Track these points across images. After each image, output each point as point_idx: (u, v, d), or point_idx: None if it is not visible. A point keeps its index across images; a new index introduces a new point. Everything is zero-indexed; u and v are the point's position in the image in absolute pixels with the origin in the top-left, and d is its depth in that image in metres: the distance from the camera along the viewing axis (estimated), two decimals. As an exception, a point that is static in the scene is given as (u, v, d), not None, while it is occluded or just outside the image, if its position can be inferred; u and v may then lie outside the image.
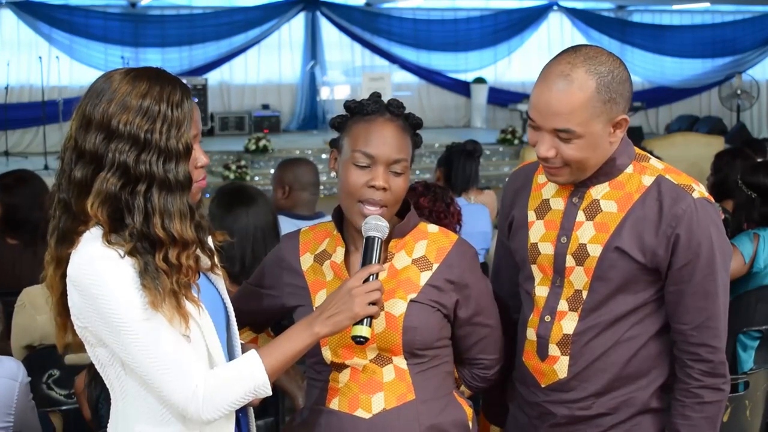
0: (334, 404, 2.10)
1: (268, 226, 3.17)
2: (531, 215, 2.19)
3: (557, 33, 16.93)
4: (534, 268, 2.17)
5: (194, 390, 1.72)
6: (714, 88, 17.00)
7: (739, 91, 15.51)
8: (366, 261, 1.95)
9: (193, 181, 1.77)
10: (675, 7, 17.60)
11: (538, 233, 2.16)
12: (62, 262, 1.75)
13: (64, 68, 13.81)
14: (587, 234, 2.08)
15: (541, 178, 2.21)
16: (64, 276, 1.74)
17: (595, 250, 2.06)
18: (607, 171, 2.09)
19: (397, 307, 2.06)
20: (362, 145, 2.04)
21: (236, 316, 2.33)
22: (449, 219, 3.50)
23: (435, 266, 2.11)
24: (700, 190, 2.06)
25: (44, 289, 1.81)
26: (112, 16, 14.88)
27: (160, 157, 1.71)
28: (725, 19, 18.03)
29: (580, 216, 2.10)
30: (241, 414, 1.93)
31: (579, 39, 16.34)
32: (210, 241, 1.88)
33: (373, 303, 1.87)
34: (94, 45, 14.52)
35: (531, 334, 2.17)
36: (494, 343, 2.22)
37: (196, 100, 13.95)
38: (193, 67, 15.00)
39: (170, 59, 14.96)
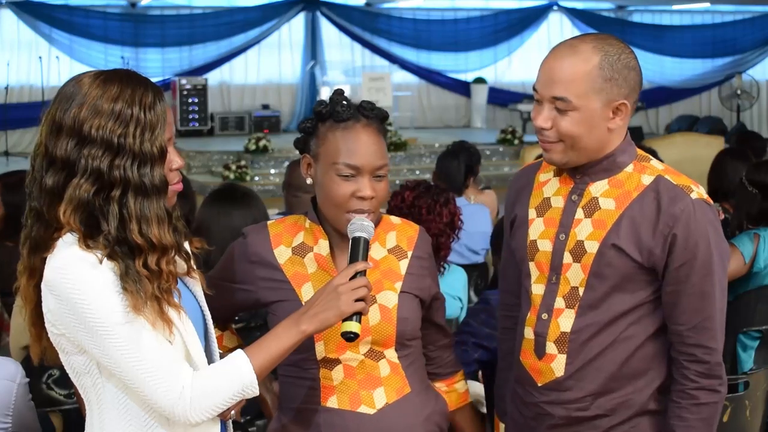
0: (332, 402, 2.08)
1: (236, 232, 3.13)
2: (531, 213, 2.19)
3: (557, 33, 16.92)
4: (531, 265, 2.17)
5: (181, 392, 1.69)
6: (714, 88, 17.02)
7: (739, 91, 15.52)
8: (352, 260, 1.94)
9: (168, 184, 1.74)
10: (675, 7, 17.61)
11: (538, 230, 2.16)
12: (36, 272, 1.72)
13: (64, 68, 13.81)
14: (585, 231, 2.08)
15: (542, 176, 2.22)
16: (38, 286, 1.71)
17: (592, 247, 2.07)
18: (607, 167, 2.09)
19: (389, 298, 2.09)
20: (345, 156, 2.04)
21: None
22: (450, 219, 3.48)
23: (409, 254, 2.17)
24: (698, 192, 2.06)
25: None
26: (112, 16, 14.91)
27: (134, 161, 1.67)
28: (725, 19, 18.05)
29: (579, 213, 2.10)
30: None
31: (579, 39, 16.32)
32: (186, 244, 1.84)
33: (360, 300, 1.86)
34: (94, 45, 14.55)
35: (528, 332, 2.17)
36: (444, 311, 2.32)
37: (196, 99, 14.06)
38: (193, 67, 15.03)
39: (170, 59, 15.00)
